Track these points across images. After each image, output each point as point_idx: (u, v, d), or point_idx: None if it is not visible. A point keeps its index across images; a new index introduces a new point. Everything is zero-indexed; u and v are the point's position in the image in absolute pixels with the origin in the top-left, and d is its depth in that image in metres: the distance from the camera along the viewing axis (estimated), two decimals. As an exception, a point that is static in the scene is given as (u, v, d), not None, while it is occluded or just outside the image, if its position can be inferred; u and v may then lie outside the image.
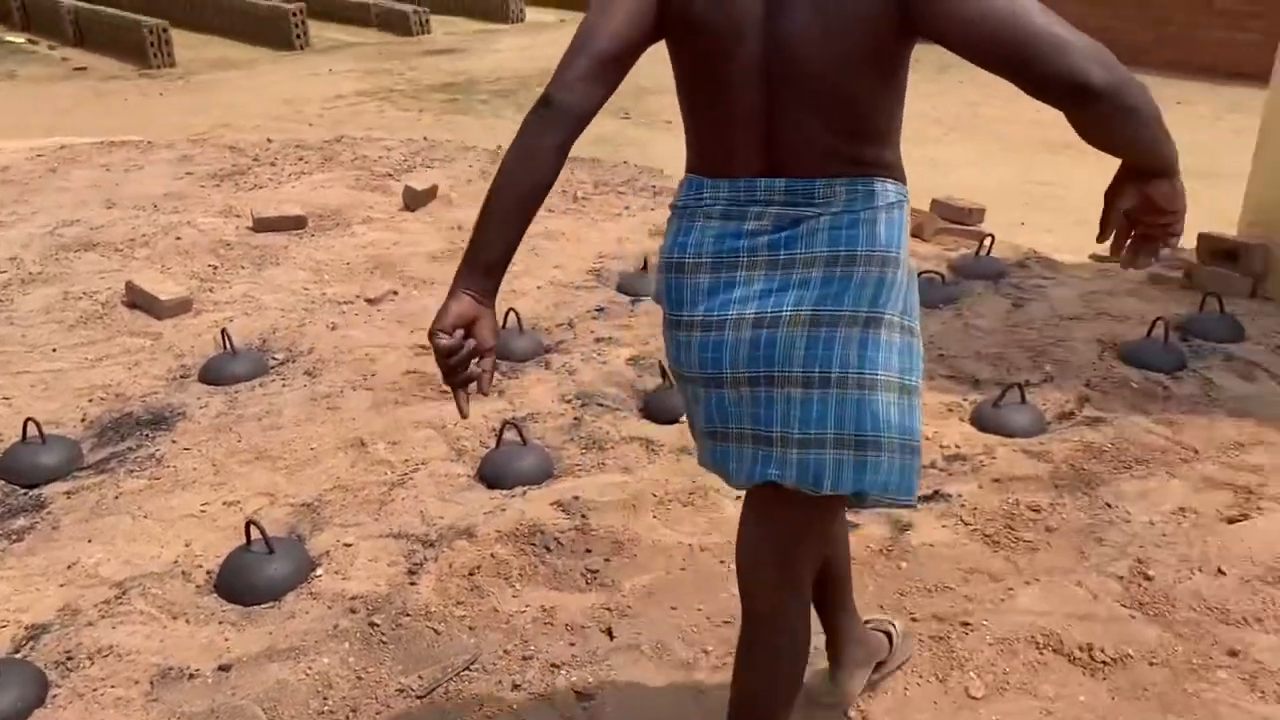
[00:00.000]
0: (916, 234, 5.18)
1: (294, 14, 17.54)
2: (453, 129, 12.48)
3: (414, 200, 5.44)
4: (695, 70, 1.57)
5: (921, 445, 1.63)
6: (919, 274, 3.81)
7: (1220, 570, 2.62)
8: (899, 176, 1.60)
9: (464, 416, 1.57)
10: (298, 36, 17.53)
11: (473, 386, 1.54)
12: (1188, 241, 4.67)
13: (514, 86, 15.89)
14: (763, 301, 1.54)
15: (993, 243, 4.78)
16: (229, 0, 18.62)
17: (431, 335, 1.48)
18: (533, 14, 21.87)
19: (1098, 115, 1.34)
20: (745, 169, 1.55)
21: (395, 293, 4.44)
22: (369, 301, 4.34)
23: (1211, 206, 4.28)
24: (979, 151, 12.46)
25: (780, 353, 1.53)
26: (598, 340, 3.95)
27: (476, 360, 1.51)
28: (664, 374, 3.54)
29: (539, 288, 4.45)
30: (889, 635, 2.33)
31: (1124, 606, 2.51)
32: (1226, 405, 3.41)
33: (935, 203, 5.42)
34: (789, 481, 1.57)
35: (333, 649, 2.41)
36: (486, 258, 1.51)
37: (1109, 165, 1.49)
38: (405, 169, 6.29)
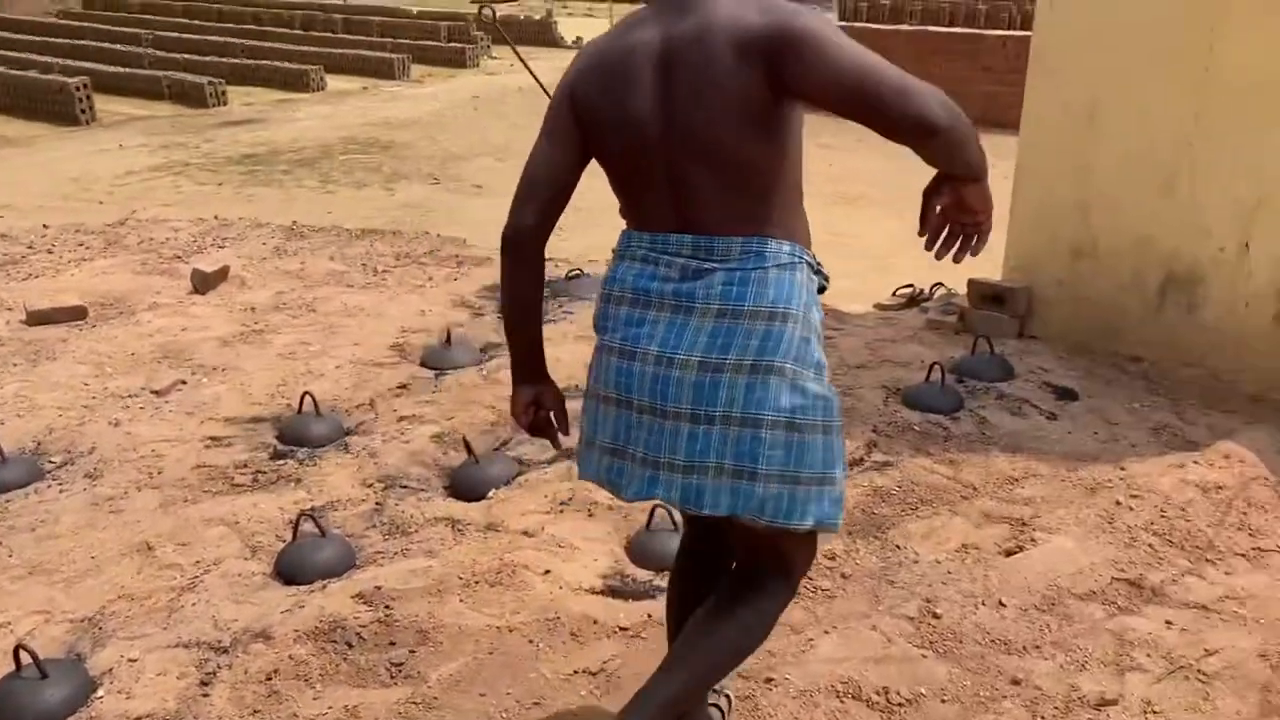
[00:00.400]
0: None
1: (78, 88, 16.72)
2: (253, 201, 12.09)
3: (204, 283, 5.24)
4: (613, 152, 1.83)
5: (827, 476, 1.79)
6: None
7: (1001, 602, 2.77)
8: (794, 237, 1.81)
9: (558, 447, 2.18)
10: (83, 111, 16.71)
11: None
12: (959, 287, 5.00)
13: (317, 155, 15.56)
14: (664, 342, 1.77)
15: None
16: (3, 74, 17.60)
17: (516, 419, 2.06)
18: (334, 82, 21.54)
19: (940, 146, 1.62)
20: (660, 225, 1.82)
21: (184, 382, 4.24)
22: (156, 393, 4.13)
23: (985, 252, 4.59)
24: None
25: (673, 390, 1.75)
26: (400, 419, 3.88)
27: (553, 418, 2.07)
28: (469, 449, 3.51)
29: (338, 367, 4.34)
30: (721, 710, 2.33)
31: (916, 646, 2.62)
32: (1001, 442, 3.63)
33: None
34: (672, 501, 1.81)
35: (115, 778, 2.25)
36: (519, 356, 2.05)
37: (897, 218, 1.62)
38: (195, 250, 6.06)
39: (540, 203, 1.87)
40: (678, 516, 3.07)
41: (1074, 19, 4.11)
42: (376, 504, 3.34)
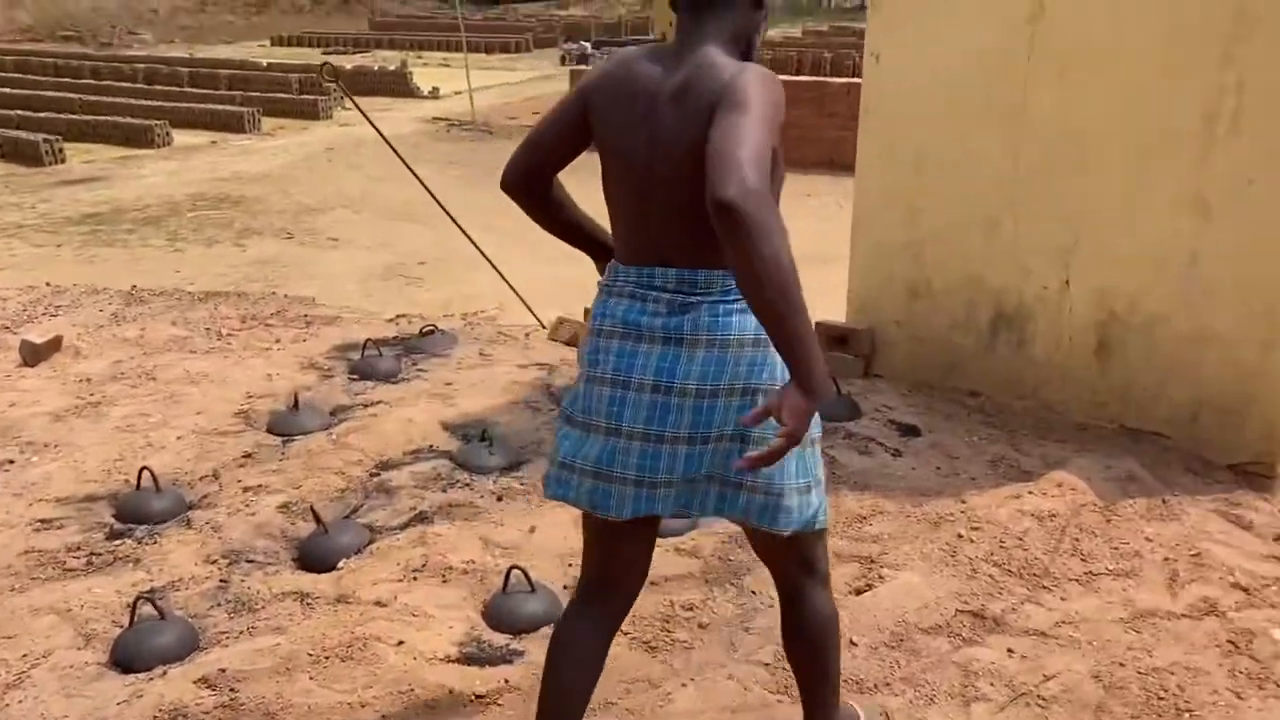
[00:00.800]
0: (573, 344, 5.35)
1: (-105, 148, 15.78)
2: (96, 263, 11.58)
3: (33, 355, 4.97)
4: (609, 180, 1.98)
5: (808, 484, 1.99)
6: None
7: (852, 641, 2.84)
8: None
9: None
10: (-99, 173, 15.77)
11: None
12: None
13: (164, 213, 15.03)
14: (659, 372, 1.90)
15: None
16: None
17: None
18: (181, 137, 20.89)
19: (729, 237, 1.61)
20: (646, 260, 1.94)
21: (11, 462, 4.01)
22: (-21, 475, 3.89)
23: (837, 292, 4.74)
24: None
25: (672, 416, 1.89)
26: (246, 489, 3.75)
27: None
28: (317, 518, 3.41)
29: (180, 438, 4.17)
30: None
31: (771, 693, 2.66)
32: (849, 481, 3.73)
33: (588, 311, 5.63)
34: (668, 514, 1.98)
35: None
36: (579, 248, 2.24)
37: None
38: (25, 319, 5.76)
39: (530, 149, 2.05)
40: (536, 576, 3.05)
41: (899, 72, 4.31)
42: (221, 581, 3.21)
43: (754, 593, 3.08)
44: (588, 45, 38.75)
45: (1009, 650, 2.82)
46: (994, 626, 2.92)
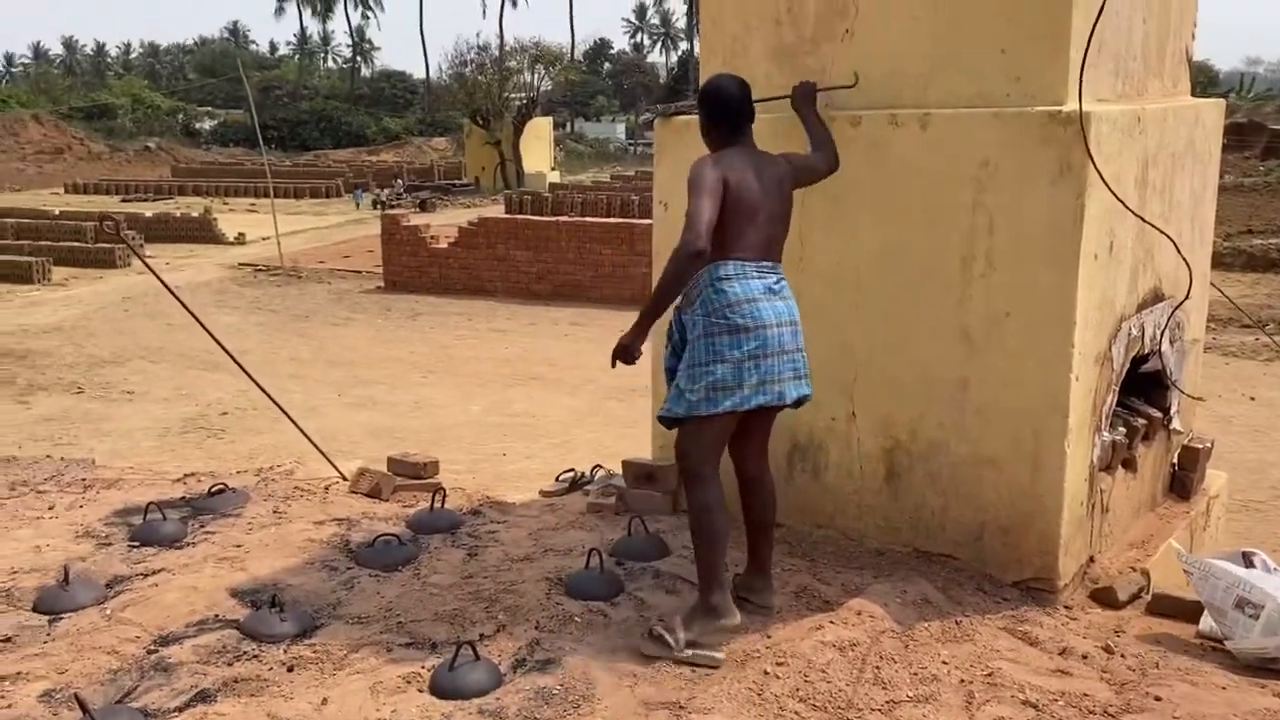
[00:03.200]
0: (375, 495, 5.18)
1: None
2: None
3: None
4: (738, 211, 3.53)
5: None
6: (379, 537, 3.84)
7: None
8: None
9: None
10: None
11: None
12: (617, 468, 5.15)
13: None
14: (788, 314, 3.62)
15: (445, 495, 4.91)
16: None
17: (626, 352, 3.63)
18: None
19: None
20: (758, 255, 3.60)
21: None
22: None
23: (644, 423, 4.77)
24: (455, 390, 13.07)
25: (799, 338, 3.65)
26: (2, 680, 3.38)
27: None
28: (83, 707, 3.10)
29: (-74, 626, 3.76)
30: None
31: None
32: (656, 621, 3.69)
33: (390, 460, 5.49)
34: (806, 394, 3.72)
35: None
36: (655, 317, 3.57)
37: (571, 394, 1.58)
38: None
39: (710, 231, 3.42)
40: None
41: (680, 216, 4.48)
42: (-37, 791, 2.85)
43: None
44: (400, 185, 38.90)
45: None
46: (801, 765, 2.90)
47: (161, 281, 5.62)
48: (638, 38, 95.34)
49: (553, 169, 41.85)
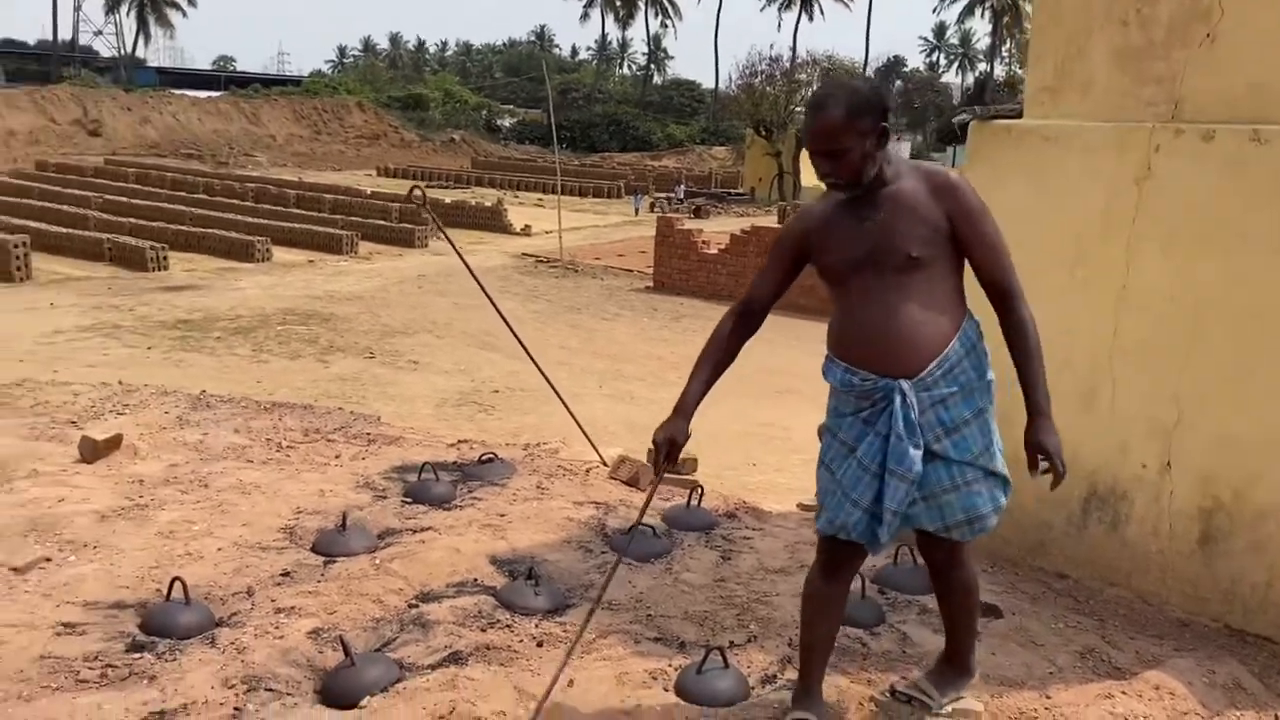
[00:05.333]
0: (633, 484, 5.15)
1: (16, 245, 16.56)
2: (182, 367, 11.83)
3: (92, 451, 4.93)
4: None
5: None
6: (638, 525, 3.77)
7: None
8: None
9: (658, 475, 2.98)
10: (18, 269, 16.49)
11: None
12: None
13: (254, 324, 15.40)
14: None
15: (703, 493, 4.79)
16: (-63, 229, 17.46)
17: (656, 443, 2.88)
18: (281, 254, 21.64)
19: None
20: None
21: (48, 559, 3.90)
22: (14, 570, 3.78)
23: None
24: (714, 395, 13.04)
25: None
26: (278, 610, 3.56)
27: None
28: (346, 649, 3.20)
29: (220, 550, 4.03)
30: None
31: None
32: (923, 661, 3.40)
33: (650, 452, 5.44)
34: None
35: None
36: (691, 390, 2.87)
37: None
38: (92, 416, 5.77)
39: (769, 288, 2.86)
40: None
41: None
42: (235, 709, 2.99)
43: (807, 780, 2.75)
44: (681, 191, 39.62)
45: None
46: None
47: (463, 260, 5.83)
48: (933, 57, 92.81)
49: (831, 185, 41.33)
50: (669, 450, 2.85)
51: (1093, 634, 3.69)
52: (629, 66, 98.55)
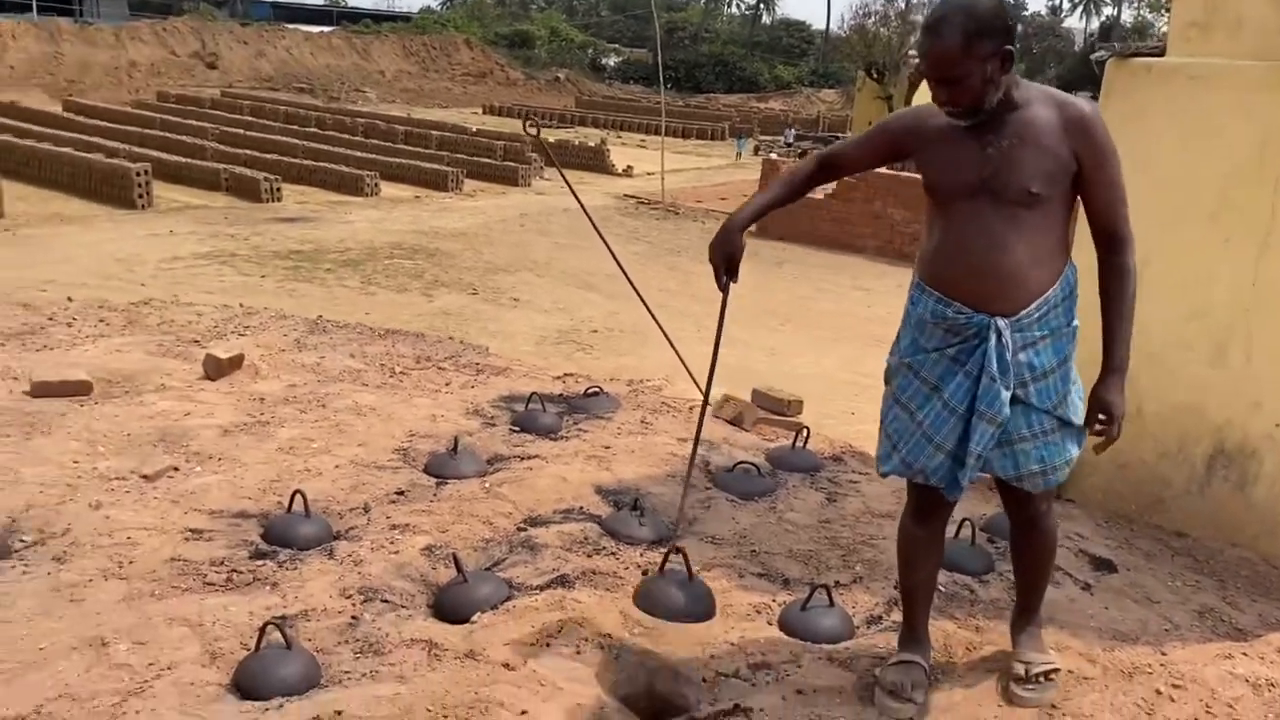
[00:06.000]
0: (737, 423, 5.14)
1: (138, 173, 17.14)
2: (294, 296, 12.15)
3: (216, 369, 5.12)
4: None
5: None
6: (739, 464, 3.71)
7: (1023, 796, 2.47)
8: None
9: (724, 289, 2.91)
10: (140, 196, 17.09)
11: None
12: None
13: (362, 257, 15.72)
14: None
15: (808, 435, 4.76)
16: (69, 155, 18.11)
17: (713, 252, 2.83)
18: (388, 189, 21.99)
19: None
20: None
21: (176, 469, 4.07)
22: (145, 478, 3.96)
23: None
24: (812, 343, 12.92)
25: None
26: (393, 527, 3.67)
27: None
28: (458, 566, 3.28)
29: (337, 467, 4.16)
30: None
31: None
32: (1031, 611, 3.34)
33: (755, 393, 5.43)
34: None
35: None
36: (754, 205, 2.82)
37: None
38: (214, 335, 5.97)
39: (854, 159, 2.83)
40: (676, 662, 2.80)
41: (1129, 169, 3.97)
42: (353, 618, 3.10)
43: (912, 720, 2.74)
44: (791, 134, 39.06)
45: (1213, 838, 2.39)
46: (1196, 806, 2.50)
47: (576, 197, 5.81)
48: (1057, 0, 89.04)
49: (943, 130, 40.19)
50: (728, 264, 2.80)
51: (1212, 594, 3.57)
52: (737, 6, 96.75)
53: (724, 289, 2.89)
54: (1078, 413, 2.66)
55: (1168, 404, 3.97)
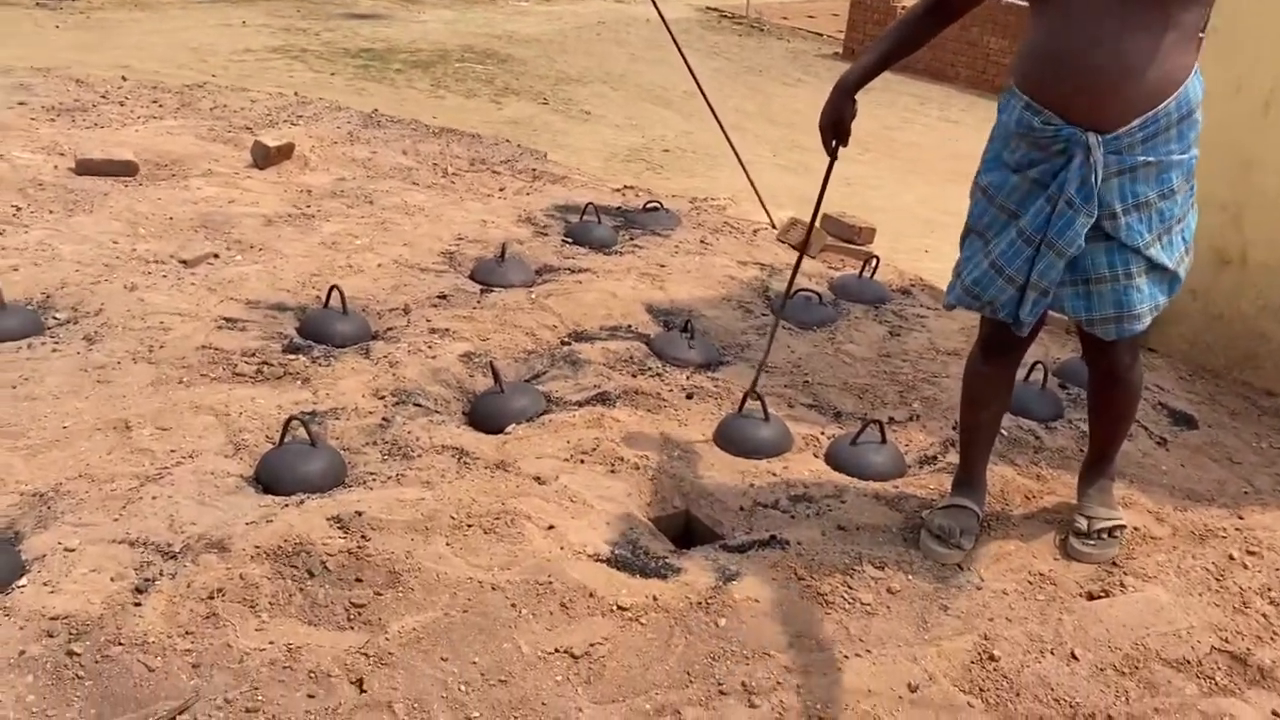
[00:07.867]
0: (801, 249, 4.85)
1: (210, -41, 16.63)
2: (363, 95, 11.87)
3: (264, 157, 4.93)
4: None
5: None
6: (799, 291, 3.49)
7: (1073, 654, 2.32)
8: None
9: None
10: (210, -18, 16.64)
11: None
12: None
13: (433, 59, 15.29)
14: None
15: (878, 265, 4.47)
16: (137, -64, 17.64)
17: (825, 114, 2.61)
18: (464, -11, 21.17)
19: None
20: None
21: (216, 256, 3.95)
22: (183, 263, 3.84)
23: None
24: (891, 174, 12.37)
25: None
26: (432, 331, 3.52)
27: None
28: (496, 376, 3.14)
29: (380, 266, 4.00)
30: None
31: (962, 691, 2.19)
32: (1099, 463, 3.12)
33: (825, 217, 5.12)
34: None
35: (9, 683, 1.96)
36: (869, 58, 2.56)
37: None
38: (266, 123, 5.76)
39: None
40: (715, 489, 2.66)
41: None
42: (383, 419, 2.99)
43: (960, 567, 2.58)
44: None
45: (1274, 713, 2.23)
46: (1259, 678, 2.33)
47: (655, 6, 5.41)
48: None
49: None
50: (837, 130, 2.62)
51: (1299, 459, 3.32)
52: None
53: (832, 154, 2.71)
54: (1175, 257, 2.34)
55: (1277, 253, 3.61)
